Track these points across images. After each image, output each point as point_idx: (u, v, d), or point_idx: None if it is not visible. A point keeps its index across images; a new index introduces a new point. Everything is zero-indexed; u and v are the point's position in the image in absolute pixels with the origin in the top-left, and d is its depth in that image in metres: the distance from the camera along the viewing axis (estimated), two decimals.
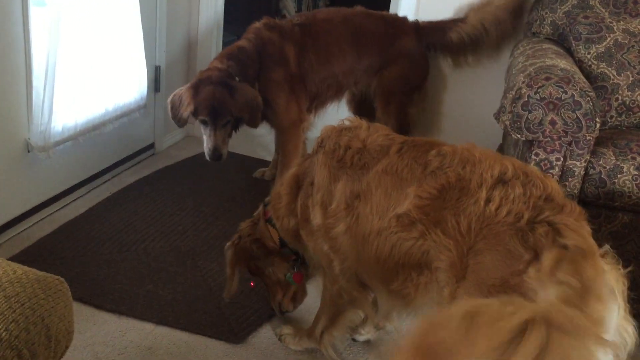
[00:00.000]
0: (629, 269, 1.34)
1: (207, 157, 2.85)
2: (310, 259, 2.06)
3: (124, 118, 3.14)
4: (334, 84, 3.08)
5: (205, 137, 2.85)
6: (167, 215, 2.91)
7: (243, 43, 2.95)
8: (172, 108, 2.82)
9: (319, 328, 2.04)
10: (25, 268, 1.09)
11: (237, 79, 2.82)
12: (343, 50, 3.03)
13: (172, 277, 2.44)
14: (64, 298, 1.08)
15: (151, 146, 3.57)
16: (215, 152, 2.83)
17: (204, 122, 2.82)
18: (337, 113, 3.22)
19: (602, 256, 1.33)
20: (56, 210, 2.85)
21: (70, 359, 1.96)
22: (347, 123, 1.90)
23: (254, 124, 2.91)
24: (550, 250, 1.28)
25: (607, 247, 1.36)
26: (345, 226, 1.72)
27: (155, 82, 3.44)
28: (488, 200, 1.43)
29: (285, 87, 2.95)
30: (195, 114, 2.80)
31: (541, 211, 1.37)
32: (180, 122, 2.85)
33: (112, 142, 3.17)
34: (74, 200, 2.96)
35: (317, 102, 3.13)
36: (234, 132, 2.93)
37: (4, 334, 0.96)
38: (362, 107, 3.26)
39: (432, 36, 3.15)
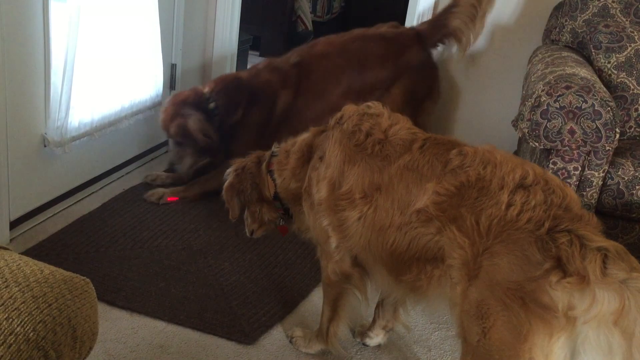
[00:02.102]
0: None
1: None
2: (301, 222, 2.09)
3: (140, 115, 3.15)
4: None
5: None
6: (180, 213, 2.91)
7: (243, 74, 3.07)
8: None
9: (324, 323, 2.05)
10: (52, 268, 1.09)
11: (212, 104, 2.93)
12: (341, 82, 3.02)
13: (184, 275, 2.44)
14: (89, 299, 1.08)
15: (165, 143, 3.57)
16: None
17: None
18: None
19: None
20: (71, 205, 2.86)
21: None
22: (369, 109, 1.89)
23: (206, 153, 3.03)
24: (589, 256, 1.29)
25: None
26: (360, 214, 1.73)
27: (171, 79, 3.45)
28: (509, 205, 1.44)
29: (258, 129, 3.00)
30: None
31: (561, 221, 1.38)
32: None
33: (127, 139, 3.18)
34: (88, 196, 2.97)
35: None
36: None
37: (32, 334, 0.96)
38: None
39: (435, 35, 3.14)
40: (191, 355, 2.05)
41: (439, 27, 3.13)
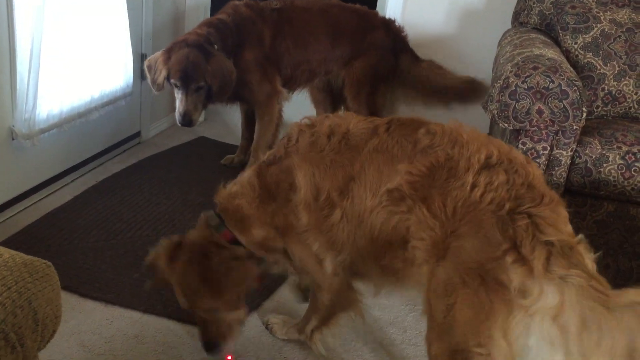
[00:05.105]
0: (598, 254, 1.45)
1: (178, 122, 2.88)
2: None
3: (110, 106, 3.11)
4: (307, 70, 3.14)
5: (177, 102, 2.86)
6: (154, 203, 2.89)
7: (222, 16, 2.98)
8: (149, 72, 2.86)
9: (309, 327, 2.02)
10: (12, 252, 1.08)
11: (215, 46, 2.82)
12: (318, 40, 3.10)
13: None
14: (51, 282, 1.07)
15: (137, 134, 3.54)
16: (185, 116, 2.82)
17: (176, 86, 2.83)
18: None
19: (578, 244, 1.41)
20: (42, 198, 2.82)
21: (56, 347, 1.96)
22: (310, 119, 1.85)
23: (221, 97, 2.91)
24: (537, 249, 1.34)
25: (581, 236, 1.44)
26: (341, 211, 1.71)
27: (142, 69, 3.40)
28: (474, 186, 1.47)
29: (260, 66, 2.99)
30: (168, 77, 2.82)
31: (522, 201, 1.42)
32: (157, 87, 2.87)
33: (98, 130, 3.14)
34: (59, 188, 2.93)
35: (289, 86, 3.19)
36: (207, 104, 2.94)
37: None
38: (329, 96, 3.37)
39: (395, 40, 3.23)
40: (167, 345, 2.05)
41: (400, 41, 3.23)
